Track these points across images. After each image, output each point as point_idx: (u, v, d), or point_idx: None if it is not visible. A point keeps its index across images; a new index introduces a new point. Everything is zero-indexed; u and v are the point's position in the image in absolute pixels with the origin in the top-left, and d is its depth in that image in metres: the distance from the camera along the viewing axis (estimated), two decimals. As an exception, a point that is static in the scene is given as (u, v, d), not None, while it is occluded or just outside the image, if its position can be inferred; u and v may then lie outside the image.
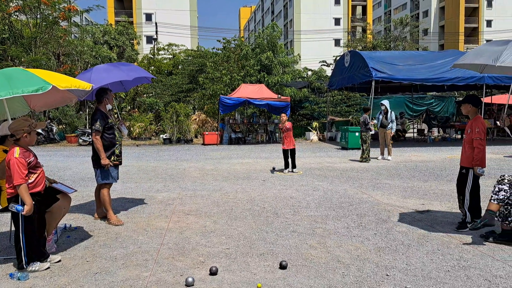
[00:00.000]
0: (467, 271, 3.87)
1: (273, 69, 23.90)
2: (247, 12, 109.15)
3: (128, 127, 22.81)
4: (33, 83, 3.85)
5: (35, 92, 3.77)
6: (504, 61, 5.48)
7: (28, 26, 24.36)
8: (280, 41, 27.78)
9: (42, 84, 3.83)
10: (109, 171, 5.66)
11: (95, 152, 5.66)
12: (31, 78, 3.97)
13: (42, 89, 3.79)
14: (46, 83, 3.84)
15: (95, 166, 5.70)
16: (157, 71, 32.63)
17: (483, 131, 5.19)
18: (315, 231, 5.21)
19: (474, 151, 5.14)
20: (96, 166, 5.67)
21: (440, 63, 17.49)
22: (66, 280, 3.70)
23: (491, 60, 5.59)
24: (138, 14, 60.00)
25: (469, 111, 5.40)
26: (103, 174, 5.66)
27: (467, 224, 5.17)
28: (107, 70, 6.27)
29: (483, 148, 5.14)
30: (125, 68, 6.40)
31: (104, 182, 5.69)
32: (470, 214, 5.21)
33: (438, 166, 11.41)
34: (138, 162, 13.19)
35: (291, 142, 10.51)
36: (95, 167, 5.70)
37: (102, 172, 5.65)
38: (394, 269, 3.94)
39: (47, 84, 3.84)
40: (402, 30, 43.08)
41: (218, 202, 6.99)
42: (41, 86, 3.81)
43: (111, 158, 5.67)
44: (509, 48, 5.60)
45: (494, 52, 5.66)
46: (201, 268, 3.98)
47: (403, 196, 7.46)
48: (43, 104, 4.96)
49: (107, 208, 5.70)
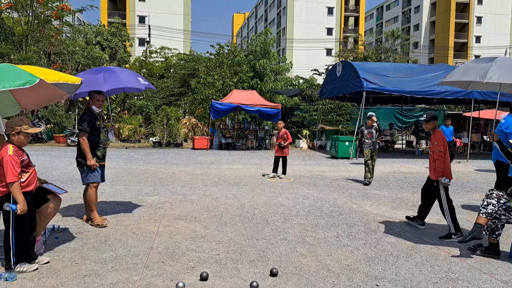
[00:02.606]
0: (455, 283, 3.91)
1: (265, 76, 24.00)
2: (241, 18, 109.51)
3: (118, 129, 22.65)
4: (20, 77, 3.79)
5: (22, 86, 3.72)
6: (491, 77, 5.63)
7: (20, 23, 24.12)
8: (273, 48, 27.90)
9: (29, 77, 3.78)
10: (94, 171, 5.63)
11: (80, 152, 5.65)
12: (17, 73, 3.91)
13: (29, 82, 3.74)
14: (34, 77, 3.79)
15: (79, 166, 5.69)
16: (149, 74, 32.50)
17: (442, 144, 5.49)
18: (305, 239, 5.22)
19: (436, 163, 5.48)
20: (80, 166, 5.66)
21: (430, 76, 17.73)
22: (54, 282, 3.65)
23: (478, 77, 5.76)
24: (132, 16, 59.78)
25: (433, 127, 5.74)
26: (87, 173, 5.64)
27: (451, 235, 5.31)
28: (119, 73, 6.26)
29: (443, 159, 5.45)
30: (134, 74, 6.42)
31: (89, 182, 5.66)
32: (454, 225, 5.37)
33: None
34: (127, 164, 13.09)
35: (284, 149, 10.90)
36: (80, 167, 5.69)
37: (86, 172, 5.64)
38: (384, 279, 3.97)
39: (34, 77, 3.78)
40: (393, 42, 43.63)
41: (208, 207, 6.97)
42: (28, 79, 3.75)
43: (95, 159, 5.64)
44: (494, 65, 5.76)
45: (481, 69, 5.83)
46: (192, 273, 3.96)
47: (392, 207, 7.52)
48: (34, 102, 4.90)
49: (92, 208, 5.68)
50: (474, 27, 66.87)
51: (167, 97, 28.82)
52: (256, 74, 23.70)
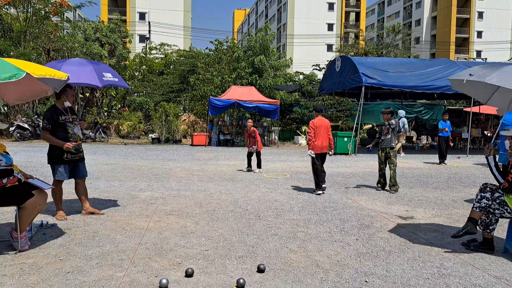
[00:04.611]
0: (447, 279, 3.83)
1: (264, 72, 23.86)
2: (241, 14, 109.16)
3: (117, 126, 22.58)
4: (6, 70, 3.70)
5: (8, 79, 3.63)
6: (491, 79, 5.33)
7: (18, 20, 24.03)
8: (273, 44, 27.75)
9: (16, 71, 3.69)
10: (57, 168, 5.59)
11: (49, 148, 5.65)
12: (3, 66, 3.82)
13: (15, 76, 3.65)
14: (20, 70, 3.70)
15: (48, 162, 5.70)
16: (149, 71, 32.40)
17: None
18: (296, 235, 5.14)
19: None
20: (48, 162, 5.69)
21: (430, 71, 17.60)
22: (35, 279, 3.58)
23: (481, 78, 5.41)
24: (132, 13, 59.63)
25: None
26: (53, 170, 5.67)
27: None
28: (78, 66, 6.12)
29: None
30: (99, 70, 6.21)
31: (54, 179, 5.65)
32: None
33: (425, 174, 11.43)
34: (124, 160, 13.02)
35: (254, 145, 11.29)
36: (48, 163, 5.71)
37: (52, 169, 5.67)
38: (373, 275, 3.89)
39: (21, 71, 3.70)
40: (394, 37, 43.40)
41: (201, 203, 6.89)
42: (15, 73, 3.66)
43: (64, 155, 5.57)
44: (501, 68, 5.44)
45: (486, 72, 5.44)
46: (177, 270, 3.89)
47: (387, 202, 7.43)
48: (17, 96, 4.81)
49: (56, 204, 5.71)
50: (476, 22, 66.49)
51: (166, 93, 28.72)
52: (255, 70, 23.56)
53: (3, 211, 5.82)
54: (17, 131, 20.03)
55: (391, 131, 8.59)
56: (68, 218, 5.68)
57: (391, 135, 8.58)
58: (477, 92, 5.61)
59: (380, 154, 8.78)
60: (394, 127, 8.59)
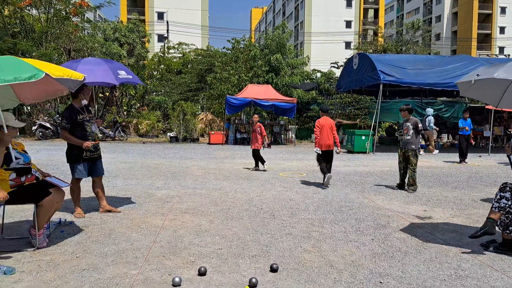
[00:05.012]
0: (464, 281, 3.74)
1: (281, 70, 23.79)
2: (259, 13, 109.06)
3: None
4: (26, 71, 3.78)
5: (28, 80, 3.70)
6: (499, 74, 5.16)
7: (40, 20, 24.53)
8: (290, 42, 27.61)
9: (35, 71, 3.76)
10: (76, 166, 5.68)
11: (68, 147, 5.73)
12: (23, 66, 3.90)
13: (35, 76, 3.72)
14: (39, 71, 3.78)
15: (67, 161, 5.79)
16: (167, 70, 32.68)
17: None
18: (311, 235, 5.10)
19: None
20: (67, 161, 5.78)
21: (450, 68, 17.24)
22: (52, 276, 3.65)
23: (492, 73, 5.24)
24: (150, 12, 60.26)
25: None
26: (71, 169, 5.75)
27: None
28: (94, 65, 6.20)
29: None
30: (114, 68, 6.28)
31: (73, 177, 5.75)
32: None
33: (444, 173, 11.23)
34: (143, 159, 13.17)
35: (255, 143, 11.07)
36: (67, 162, 5.79)
37: (71, 167, 5.75)
38: (389, 276, 3.83)
39: (40, 71, 3.77)
40: (414, 34, 42.65)
41: (216, 201, 6.91)
42: (34, 73, 3.74)
43: (83, 154, 5.67)
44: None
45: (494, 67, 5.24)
46: (191, 268, 3.90)
47: (405, 202, 7.32)
48: (33, 96, 4.91)
49: (74, 202, 5.82)
50: (498, 17, 64.87)
51: (184, 92, 28.92)
52: (272, 68, 23.50)
53: (23, 209, 5.95)
54: (39, 130, 20.49)
55: (412, 130, 8.26)
56: (85, 216, 5.77)
57: (412, 135, 8.27)
58: (486, 95, 5.47)
59: (399, 153, 8.63)
60: (415, 127, 8.23)
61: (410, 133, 8.29)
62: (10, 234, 4.85)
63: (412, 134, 8.27)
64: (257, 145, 10.99)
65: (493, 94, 5.37)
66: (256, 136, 11.03)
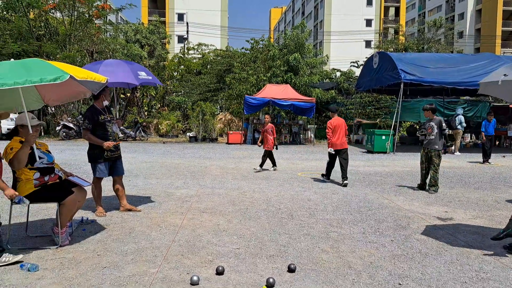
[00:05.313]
0: (486, 284, 3.67)
1: (300, 70, 23.70)
2: (278, 12, 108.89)
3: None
4: (51, 72, 3.89)
5: (53, 81, 3.81)
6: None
7: (63, 23, 25.10)
8: (310, 41, 27.49)
9: (60, 73, 3.87)
10: (97, 166, 5.79)
11: (89, 147, 5.85)
12: (49, 68, 4.01)
13: (60, 78, 3.82)
14: (64, 73, 3.88)
15: (88, 161, 5.91)
16: (187, 70, 32.97)
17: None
18: (329, 235, 5.08)
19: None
20: (89, 161, 5.89)
21: (473, 66, 16.87)
22: (74, 273, 3.73)
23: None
24: (171, 14, 60.88)
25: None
26: (93, 168, 5.86)
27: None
28: (115, 66, 6.31)
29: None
30: (134, 69, 6.39)
31: (95, 176, 5.87)
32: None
33: (467, 173, 11.00)
34: (163, 158, 13.33)
35: (266, 143, 10.86)
36: (89, 161, 5.91)
37: (93, 167, 5.86)
38: (408, 278, 3.79)
39: (65, 73, 3.87)
40: (436, 32, 41.90)
41: (234, 201, 6.95)
42: (60, 75, 3.84)
43: (104, 153, 5.77)
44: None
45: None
46: (209, 267, 3.94)
47: (426, 202, 7.21)
48: (57, 98, 5.04)
49: (95, 201, 5.93)
50: (525, 14, 63.04)
51: (204, 93, 29.13)
52: (290, 68, 23.45)
53: (47, 207, 6.10)
54: (63, 130, 20.97)
55: (436, 130, 8.08)
56: (107, 214, 5.88)
57: (436, 135, 8.10)
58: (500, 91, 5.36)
59: (422, 153, 8.48)
60: (439, 126, 8.07)
61: (434, 132, 8.13)
62: (34, 232, 4.98)
63: (436, 134, 8.11)
64: (268, 146, 10.81)
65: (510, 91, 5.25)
66: (267, 136, 10.84)
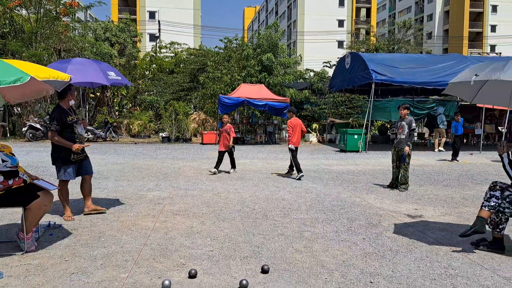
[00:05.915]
0: (454, 280, 3.75)
1: (274, 70, 23.78)
2: (251, 12, 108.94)
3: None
4: (11, 74, 3.72)
5: (13, 83, 3.65)
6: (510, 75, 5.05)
7: (29, 21, 24.30)
8: (283, 41, 27.63)
9: (20, 75, 3.71)
10: (64, 168, 5.61)
11: (54, 148, 5.63)
12: (8, 69, 3.84)
13: (20, 80, 3.67)
14: (25, 74, 3.72)
15: (53, 163, 5.70)
16: (159, 69, 32.54)
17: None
18: (302, 235, 5.10)
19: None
20: (53, 163, 5.69)
21: (441, 66, 17.35)
22: (40, 280, 3.60)
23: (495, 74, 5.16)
24: (142, 12, 59.94)
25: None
26: (58, 171, 5.66)
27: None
28: (84, 65, 6.16)
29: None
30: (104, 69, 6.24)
31: (61, 179, 5.66)
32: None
33: (436, 171, 11.28)
34: (134, 160, 13.08)
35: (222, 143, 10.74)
36: (54, 164, 5.70)
37: (58, 170, 5.66)
38: (379, 276, 3.83)
39: (26, 75, 3.72)
40: (405, 33, 42.89)
41: (209, 202, 6.88)
42: (20, 77, 3.69)
43: (71, 156, 5.60)
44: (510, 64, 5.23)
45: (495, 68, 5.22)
46: (181, 271, 3.88)
47: (396, 200, 7.34)
48: (19, 95, 4.85)
49: (62, 205, 5.73)
50: (489, 16, 65.31)
51: (177, 92, 28.81)
52: (264, 68, 23.50)
53: (12, 212, 5.88)
54: (29, 131, 20.30)
55: (407, 129, 8.22)
56: (75, 218, 5.71)
57: (407, 134, 8.24)
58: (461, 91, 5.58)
59: (393, 152, 8.61)
60: (409, 126, 8.18)
61: (405, 132, 8.27)
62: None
63: (406, 133, 8.26)
64: (223, 147, 10.60)
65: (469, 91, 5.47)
66: (225, 136, 10.59)
